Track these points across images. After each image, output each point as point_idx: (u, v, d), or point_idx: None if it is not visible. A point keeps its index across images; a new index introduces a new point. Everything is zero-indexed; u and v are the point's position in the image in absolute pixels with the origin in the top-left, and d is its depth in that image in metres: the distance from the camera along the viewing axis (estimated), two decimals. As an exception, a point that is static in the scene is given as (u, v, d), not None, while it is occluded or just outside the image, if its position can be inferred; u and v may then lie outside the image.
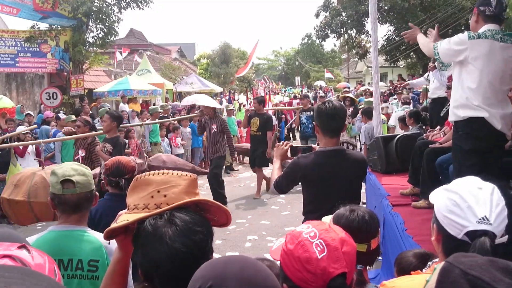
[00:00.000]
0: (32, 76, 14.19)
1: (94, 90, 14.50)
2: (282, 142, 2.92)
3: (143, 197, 1.25)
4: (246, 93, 15.54)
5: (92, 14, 13.37)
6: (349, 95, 12.27)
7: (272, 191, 2.86)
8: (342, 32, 20.89)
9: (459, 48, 2.98)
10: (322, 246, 1.18)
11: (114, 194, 2.92)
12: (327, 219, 1.75)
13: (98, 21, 13.66)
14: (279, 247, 1.31)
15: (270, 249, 1.50)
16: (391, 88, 18.83)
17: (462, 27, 15.61)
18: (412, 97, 12.06)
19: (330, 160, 2.66)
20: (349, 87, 24.78)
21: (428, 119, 6.55)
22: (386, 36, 21.14)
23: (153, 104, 13.93)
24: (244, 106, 14.11)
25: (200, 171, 6.84)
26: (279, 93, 27.87)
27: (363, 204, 5.26)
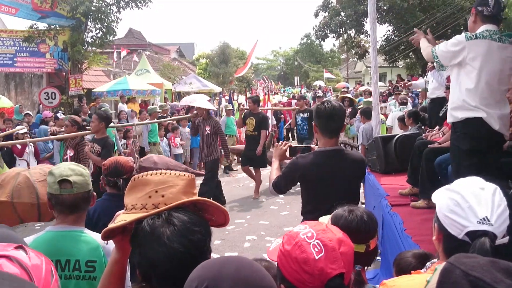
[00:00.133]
0: (31, 76, 14.17)
1: (93, 90, 14.48)
2: (281, 142, 2.91)
3: (141, 197, 1.25)
4: (245, 93, 15.51)
5: (91, 14, 13.32)
6: (348, 96, 12.29)
7: (271, 191, 2.85)
8: (341, 32, 20.93)
9: (457, 49, 2.99)
10: (320, 247, 1.17)
11: (112, 194, 2.91)
12: (325, 219, 1.74)
13: (97, 21, 13.62)
14: (276, 248, 1.31)
15: (267, 250, 1.49)
16: (390, 88, 18.87)
17: (461, 27, 15.62)
18: (413, 97, 12.10)
19: (329, 160, 2.66)
20: (348, 87, 24.75)
21: (427, 119, 6.56)
22: (385, 36, 21.19)
23: (152, 104, 13.91)
24: (243, 106, 14.08)
25: (194, 173, 6.82)
26: (278, 93, 27.87)
27: (362, 205, 5.26)
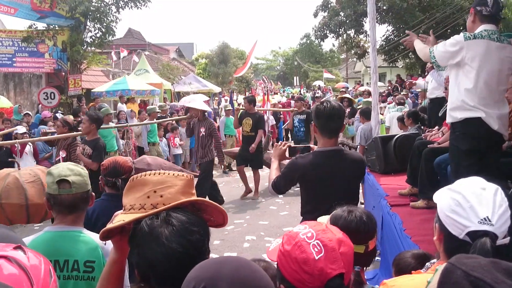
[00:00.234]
0: (30, 76, 14.15)
1: (92, 90, 14.47)
2: (280, 142, 2.91)
3: (139, 198, 1.24)
4: (245, 93, 15.50)
5: (90, 14, 13.32)
6: (346, 96, 12.30)
7: (270, 192, 2.85)
8: (341, 32, 20.95)
9: (455, 49, 2.99)
10: (319, 247, 1.17)
11: (111, 195, 2.91)
12: (324, 220, 1.74)
13: (96, 21, 13.60)
14: (276, 248, 1.30)
15: (267, 250, 1.48)
16: (390, 88, 18.88)
17: (461, 27, 15.64)
18: (414, 97, 12.11)
19: (328, 161, 2.65)
20: (348, 87, 24.75)
21: (427, 119, 6.56)
22: (385, 36, 21.21)
23: (151, 105, 13.91)
24: (240, 106, 14.05)
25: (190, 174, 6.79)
26: (278, 93, 27.87)
27: (361, 205, 5.25)
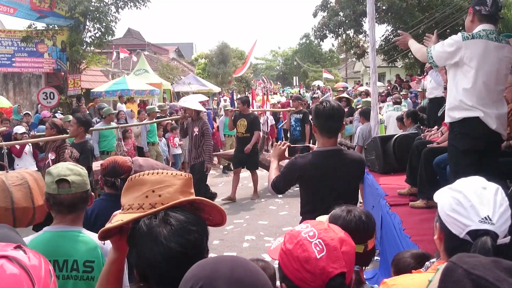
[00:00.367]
0: (29, 76, 14.14)
1: (92, 90, 14.45)
2: (280, 142, 2.91)
3: (138, 197, 1.24)
4: (245, 93, 15.49)
5: (89, 14, 13.31)
6: (344, 95, 12.31)
7: (270, 191, 2.85)
8: (340, 32, 20.92)
9: (453, 49, 2.98)
10: (321, 246, 1.17)
11: (110, 194, 2.91)
12: (322, 219, 1.74)
13: (95, 21, 13.60)
14: (278, 247, 1.30)
15: (269, 249, 1.49)
16: (389, 88, 18.88)
17: (460, 27, 15.62)
18: (414, 97, 12.12)
19: (328, 160, 2.65)
20: (347, 87, 24.75)
21: (426, 119, 6.56)
22: (384, 36, 21.18)
23: (151, 104, 13.91)
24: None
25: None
26: (277, 93, 27.87)
27: (360, 204, 5.26)
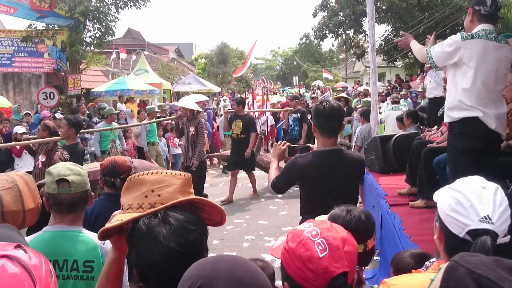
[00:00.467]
0: (29, 76, 14.14)
1: (92, 90, 14.46)
2: (280, 142, 2.90)
3: (137, 197, 1.24)
4: (245, 93, 15.48)
5: (89, 14, 13.31)
6: (343, 95, 12.33)
7: (270, 191, 2.85)
8: (340, 32, 20.92)
9: (453, 50, 2.98)
10: (324, 245, 1.17)
11: (110, 194, 2.90)
12: (322, 219, 1.74)
13: (95, 21, 13.60)
14: (280, 245, 1.31)
15: (271, 248, 1.49)
16: (389, 88, 18.88)
17: (460, 27, 15.63)
18: (414, 97, 12.14)
19: (328, 160, 2.65)
20: (347, 87, 24.75)
21: (426, 119, 6.57)
22: (384, 36, 21.20)
23: (150, 104, 13.91)
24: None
25: None
26: (277, 93, 27.87)
27: (360, 204, 5.26)
